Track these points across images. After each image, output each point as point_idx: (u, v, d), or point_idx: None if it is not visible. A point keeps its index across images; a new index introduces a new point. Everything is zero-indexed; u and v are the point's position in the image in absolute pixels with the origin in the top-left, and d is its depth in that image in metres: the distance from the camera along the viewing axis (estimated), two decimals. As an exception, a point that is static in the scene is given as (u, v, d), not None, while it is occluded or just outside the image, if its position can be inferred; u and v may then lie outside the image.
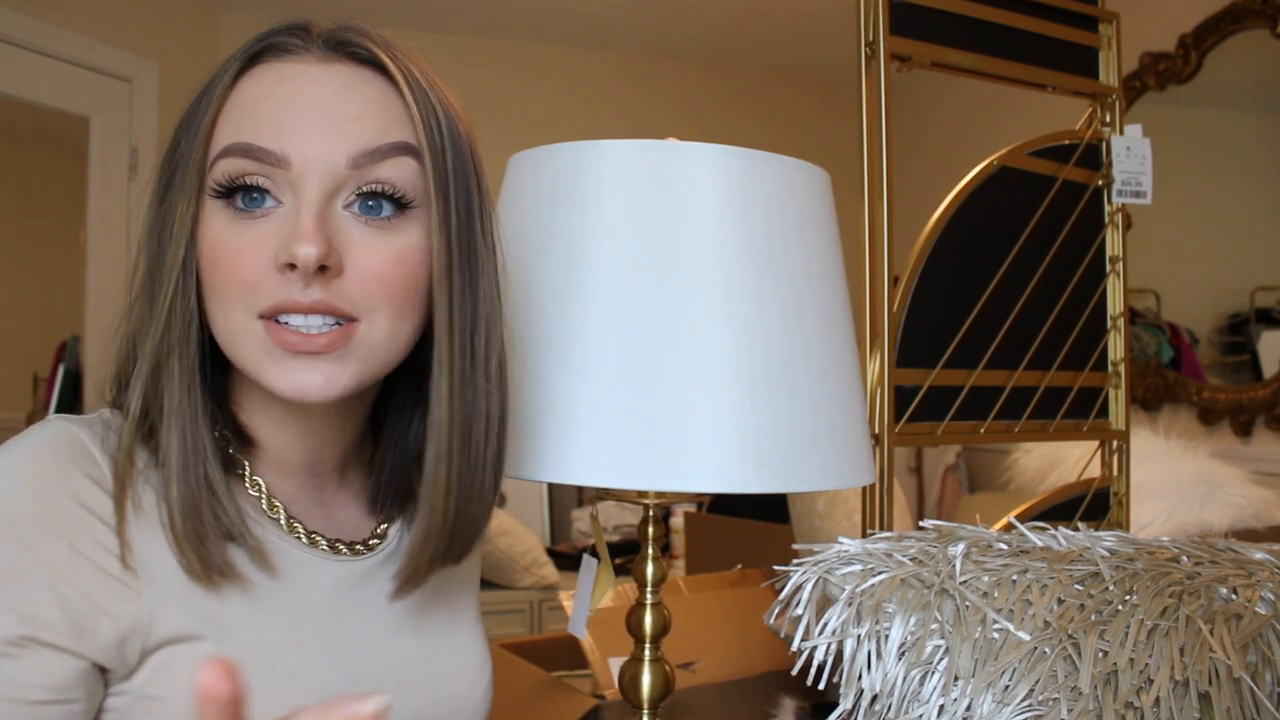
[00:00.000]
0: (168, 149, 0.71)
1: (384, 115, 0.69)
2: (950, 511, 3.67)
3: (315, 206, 0.66)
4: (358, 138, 0.68)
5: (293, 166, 0.67)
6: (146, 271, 0.70)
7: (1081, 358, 1.43)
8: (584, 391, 0.83)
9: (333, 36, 0.70)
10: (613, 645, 1.41)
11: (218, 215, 0.68)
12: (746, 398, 0.83)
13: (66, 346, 3.13)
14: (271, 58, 0.70)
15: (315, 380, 0.67)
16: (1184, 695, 0.81)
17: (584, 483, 0.83)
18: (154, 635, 0.64)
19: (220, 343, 0.70)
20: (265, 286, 0.66)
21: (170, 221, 0.68)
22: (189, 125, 0.69)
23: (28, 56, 2.96)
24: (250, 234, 0.67)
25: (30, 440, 0.66)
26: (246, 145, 0.67)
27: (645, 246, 0.85)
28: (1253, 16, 2.94)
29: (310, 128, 0.67)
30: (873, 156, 1.24)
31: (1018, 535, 0.99)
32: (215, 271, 0.68)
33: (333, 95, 0.68)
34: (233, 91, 0.69)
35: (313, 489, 0.78)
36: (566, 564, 3.62)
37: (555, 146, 0.90)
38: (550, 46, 4.29)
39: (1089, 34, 1.48)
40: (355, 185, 0.68)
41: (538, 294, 0.87)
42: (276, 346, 0.67)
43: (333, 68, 0.69)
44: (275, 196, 0.68)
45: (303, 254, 0.64)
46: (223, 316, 0.68)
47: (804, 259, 0.88)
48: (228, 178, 0.67)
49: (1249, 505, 1.96)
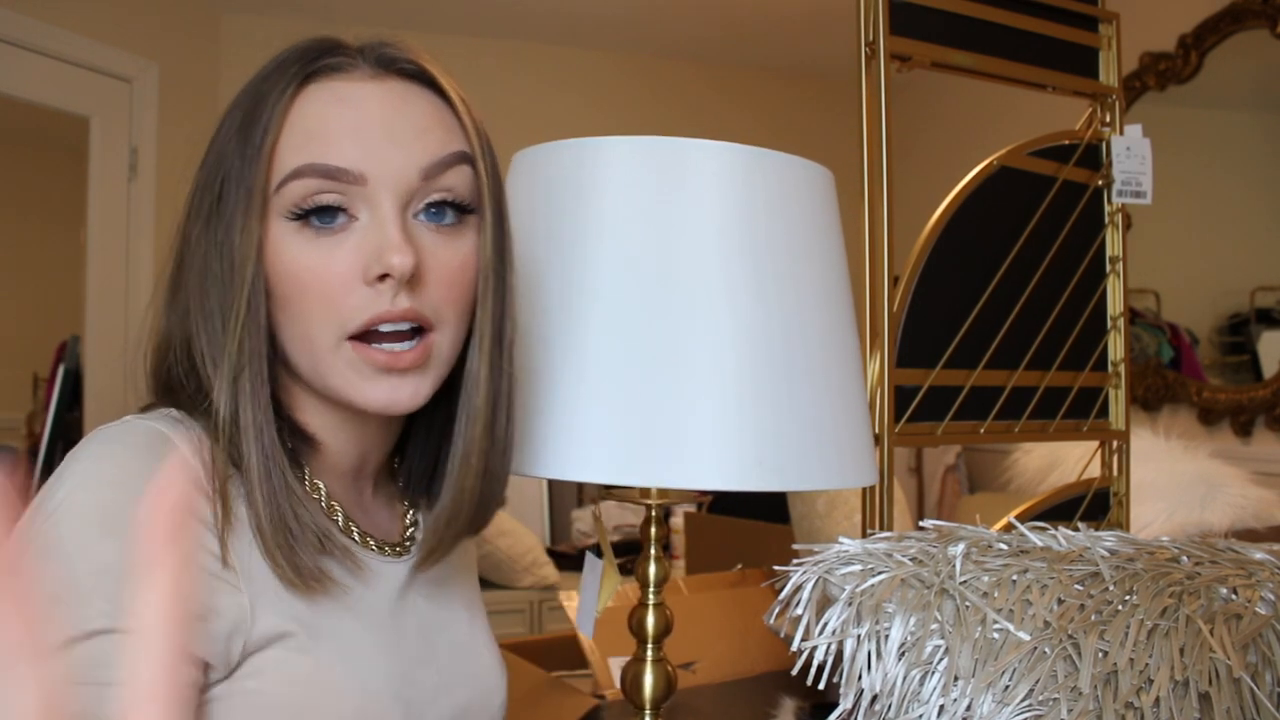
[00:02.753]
0: (212, 167, 0.71)
1: (441, 128, 0.72)
2: (950, 511, 3.67)
3: (397, 218, 0.69)
4: (424, 150, 0.71)
5: (369, 183, 0.69)
6: (200, 286, 0.70)
7: (1081, 358, 1.43)
8: (585, 388, 0.83)
9: (379, 53, 0.73)
10: (613, 645, 1.41)
11: (293, 237, 0.69)
12: (747, 396, 0.83)
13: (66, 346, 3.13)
14: (323, 77, 0.71)
15: (404, 394, 0.71)
16: (1184, 695, 0.81)
17: (585, 479, 0.83)
18: (255, 633, 0.66)
19: (296, 361, 0.71)
20: (353, 302, 0.69)
21: (232, 241, 0.68)
22: (243, 146, 0.69)
23: (28, 57, 2.96)
24: (331, 250, 0.69)
25: (120, 440, 0.66)
26: (323, 166, 0.68)
27: (647, 244, 0.85)
28: (1253, 16, 2.94)
29: (382, 144, 0.69)
30: (873, 156, 1.24)
31: (1018, 535, 0.99)
32: (299, 293, 0.69)
33: (394, 111, 0.71)
34: (290, 112, 0.69)
35: (356, 492, 0.80)
36: (567, 564, 3.61)
37: (557, 144, 0.90)
38: (552, 47, 4.29)
39: (1089, 34, 1.48)
40: (425, 195, 0.71)
41: (540, 291, 0.87)
42: (367, 365, 0.69)
43: (386, 84, 0.72)
44: (350, 213, 0.70)
45: (398, 263, 0.67)
46: (302, 337, 0.70)
47: (806, 258, 0.88)
48: (302, 200, 0.68)
49: (1249, 505, 1.96)
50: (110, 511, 0.62)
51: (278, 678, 0.66)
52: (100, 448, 0.66)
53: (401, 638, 0.76)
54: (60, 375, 3.00)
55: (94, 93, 3.22)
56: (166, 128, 3.39)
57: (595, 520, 1.03)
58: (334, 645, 0.70)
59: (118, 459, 0.65)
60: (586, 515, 4.03)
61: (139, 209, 3.33)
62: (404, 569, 0.79)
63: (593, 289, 0.85)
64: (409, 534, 0.83)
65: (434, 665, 0.78)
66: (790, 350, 0.85)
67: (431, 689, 0.77)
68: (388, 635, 0.75)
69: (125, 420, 0.69)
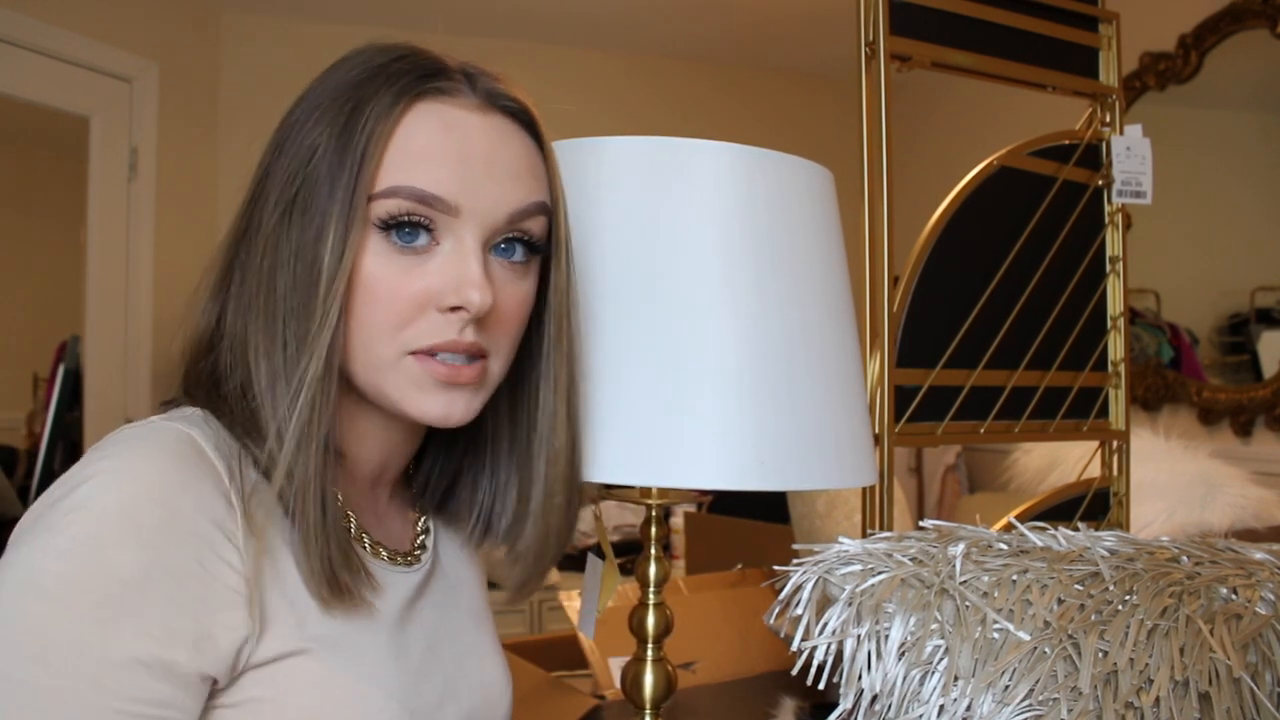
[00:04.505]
0: (298, 160, 0.70)
1: (531, 175, 0.74)
2: (950, 511, 3.67)
3: (479, 253, 0.71)
4: (515, 195, 0.72)
5: (461, 215, 0.70)
6: (267, 283, 0.69)
7: (1081, 358, 1.43)
8: (586, 388, 0.83)
9: (488, 87, 0.74)
10: (613, 645, 1.41)
11: (375, 245, 0.69)
12: (748, 395, 0.83)
13: (66, 346, 3.13)
14: (431, 98, 0.71)
15: (459, 408, 0.72)
16: (1184, 695, 0.81)
17: (586, 479, 0.83)
18: (264, 647, 0.65)
19: (355, 370, 0.71)
20: (421, 324, 0.70)
21: (321, 245, 0.67)
22: (341, 151, 0.68)
23: (28, 56, 2.96)
24: (410, 268, 0.69)
25: (148, 444, 0.64)
26: (420, 191, 0.69)
27: (647, 243, 0.85)
28: (1253, 16, 2.93)
29: (481, 181, 0.71)
30: (873, 156, 1.24)
31: (1018, 535, 0.99)
32: (372, 305, 0.69)
33: (496, 149, 0.72)
34: (399, 128, 0.69)
35: (372, 499, 0.80)
36: (567, 564, 3.60)
37: (558, 143, 0.89)
38: (553, 47, 4.29)
39: (1089, 34, 1.48)
40: (504, 234, 0.73)
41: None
42: (428, 377, 0.70)
43: (490, 119, 0.73)
44: (434, 237, 0.70)
45: (477, 300, 0.69)
46: (367, 348, 0.70)
47: (807, 258, 0.88)
48: (393, 215, 0.69)
49: (1249, 505, 1.96)
50: (138, 519, 0.61)
51: (287, 688, 0.66)
52: (128, 451, 0.64)
53: (408, 648, 0.76)
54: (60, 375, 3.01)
55: (94, 92, 3.22)
56: (166, 128, 3.39)
57: (595, 520, 1.03)
58: (343, 656, 0.69)
59: (149, 464, 0.63)
60: (587, 515, 4.00)
61: (139, 209, 3.33)
62: (414, 579, 0.79)
63: (593, 289, 0.85)
64: (419, 543, 0.83)
65: (440, 676, 0.78)
66: (790, 350, 0.85)
67: (437, 699, 0.77)
68: (396, 646, 0.74)
69: (151, 421, 0.68)
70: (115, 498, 0.61)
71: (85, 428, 3.09)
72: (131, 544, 0.60)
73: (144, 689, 0.60)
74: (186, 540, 0.62)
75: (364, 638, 0.71)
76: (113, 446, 0.64)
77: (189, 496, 0.63)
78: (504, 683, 0.87)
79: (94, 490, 0.61)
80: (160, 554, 0.61)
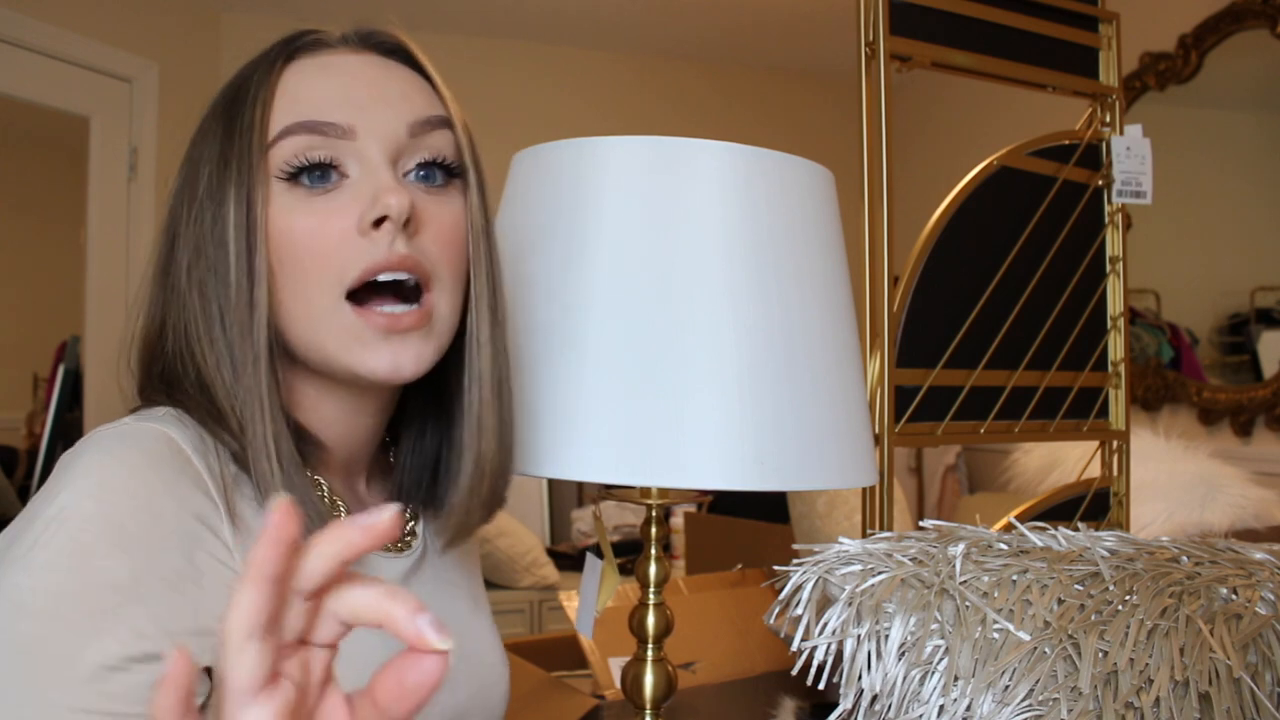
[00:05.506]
0: (197, 150, 0.72)
1: (421, 95, 0.74)
2: (950, 511, 3.67)
3: (389, 167, 0.70)
4: (410, 109, 0.72)
5: (358, 136, 0.69)
6: (194, 268, 0.69)
7: (1081, 358, 1.43)
8: (586, 388, 0.83)
9: (360, 32, 0.75)
10: (613, 645, 1.41)
11: (285, 197, 0.69)
12: (748, 395, 0.83)
13: (66, 346, 3.13)
14: (307, 53, 0.72)
15: (407, 358, 0.70)
16: (1184, 695, 0.81)
17: (585, 479, 0.83)
18: None
19: (295, 334, 0.70)
20: (349, 253, 0.68)
21: (225, 214, 0.67)
22: (230, 123, 0.70)
23: (28, 57, 2.96)
24: (325, 208, 0.69)
25: (125, 446, 0.64)
26: (311, 122, 0.69)
27: (648, 243, 0.85)
28: (1253, 17, 2.94)
29: (369, 101, 0.70)
30: (873, 156, 1.24)
31: (1018, 535, 0.99)
32: (294, 252, 0.68)
33: (379, 78, 0.72)
34: (279, 84, 0.70)
35: (351, 486, 0.79)
36: (567, 564, 3.61)
37: (558, 143, 0.90)
38: (553, 47, 4.29)
39: (1089, 34, 1.48)
40: (413, 155, 0.72)
41: (541, 290, 0.87)
42: (367, 328, 0.68)
43: (367, 57, 0.73)
44: (341, 171, 0.70)
45: (394, 203, 0.67)
46: (303, 304, 0.69)
47: (807, 258, 0.88)
48: (293, 156, 0.68)
49: (1249, 505, 1.96)
50: (122, 524, 0.60)
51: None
52: (105, 456, 0.63)
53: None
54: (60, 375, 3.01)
55: (94, 93, 3.22)
56: (166, 128, 3.39)
57: (595, 520, 1.03)
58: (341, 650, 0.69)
59: (127, 467, 0.62)
60: (587, 515, 4.03)
61: (139, 209, 3.33)
62: (404, 565, 0.79)
63: (593, 289, 0.84)
64: (409, 529, 0.82)
65: None
66: (790, 350, 0.85)
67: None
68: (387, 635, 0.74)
69: (124, 423, 0.67)
70: (96, 505, 0.60)
71: (85, 428, 3.09)
72: (119, 549, 0.59)
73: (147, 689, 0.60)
74: (173, 540, 0.61)
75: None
76: (89, 452, 0.63)
77: (171, 496, 0.62)
78: (500, 665, 0.86)
79: (74, 499, 0.60)
80: (149, 556, 0.60)
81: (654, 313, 0.83)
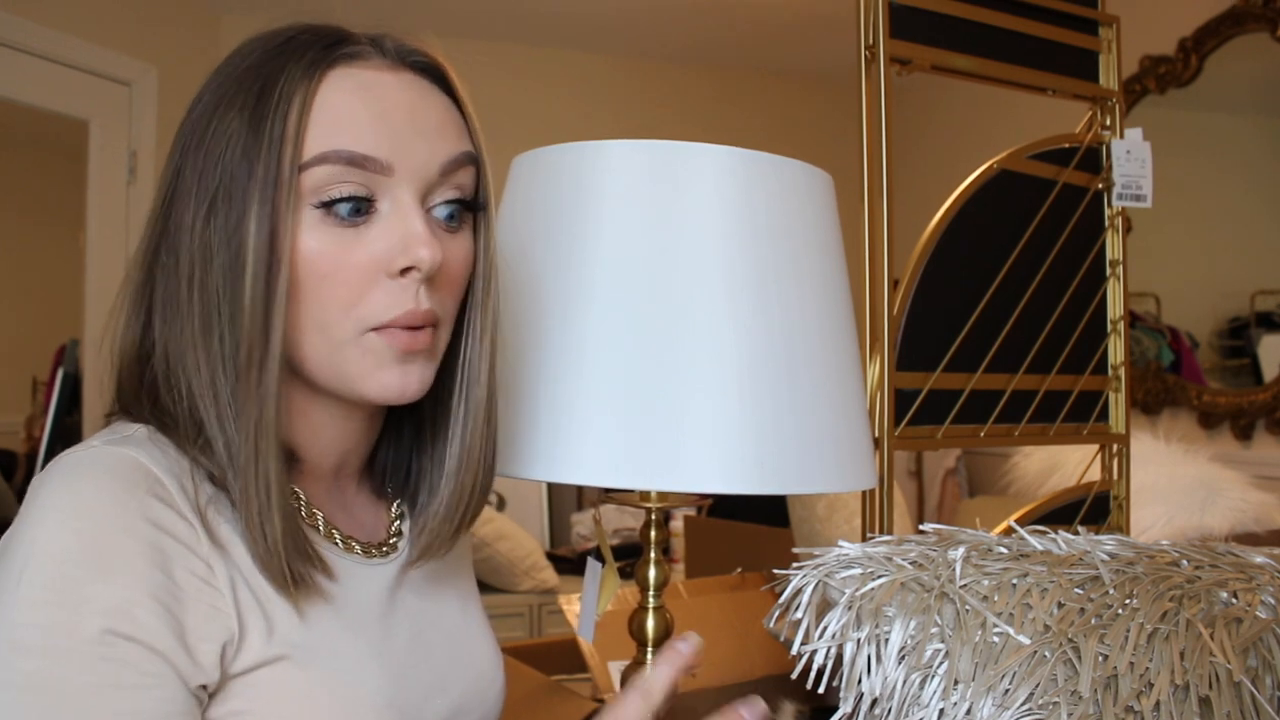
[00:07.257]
0: (218, 143, 0.67)
1: (453, 126, 0.73)
2: (950, 515, 3.67)
3: (420, 211, 0.69)
4: (443, 146, 0.71)
5: (395, 173, 0.68)
6: (197, 283, 0.66)
7: (1082, 361, 1.43)
8: (586, 391, 0.83)
9: (396, 45, 0.72)
10: (612, 649, 1.41)
11: (316, 226, 0.67)
12: (748, 399, 0.82)
13: (65, 350, 3.13)
14: (342, 64, 0.69)
15: (413, 379, 0.71)
16: (1184, 699, 0.80)
17: (585, 482, 0.83)
18: (241, 660, 0.64)
19: (307, 357, 0.69)
20: (375, 295, 0.68)
21: (242, 229, 0.65)
22: (257, 131, 0.66)
23: (27, 60, 2.96)
24: (353, 240, 0.68)
25: (96, 472, 0.63)
26: (351, 154, 0.67)
27: (648, 247, 0.84)
28: (1253, 20, 2.94)
29: (409, 138, 0.69)
30: (873, 160, 1.24)
31: (1018, 539, 0.99)
32: (321, 282, 0.67)
33: (416, 105, 0.71)
34: (316, 97, 0.67)
35: (337, 492, 0.79)
36: (566, 568, 3.61)
37: (558, 147, 0.90)
38: (553, 50, 4.30)
39: (1089, 37, 1.48)
40: (440, 192, 0.71)
41: (540, 294, 0.87)
42: (389, 349, 0.69)
43: (404, 77, 0.71)
44: (372, 203, 0.69)
45: (426, 257, 0.67)
46: (319, 329, 0.68)
47: (806, 261, 0.88)
48: (329, 184, 0.67)
49: (1249, 509, 1.96)
50: (102, 551, 0.60)
51: (269, 697, 0.65)
52: (77, 483, 0.62)
53: (392, 640, 0.75)
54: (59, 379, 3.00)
55: (93, 96, 3.22)
56: (166, 131, 3.38)
57: (595, 524, 1.03)
58: (325, 659, 0.68)
59: (101, 494, 0.61)
60: (586, 519, 4.03)
61: (138, 212, 3.32)
62: (392, 569, 0.78)
63: (592, 293, 0.84)
64: (395, 529, 0.81)
65: (427, 664, 0.77)
66: (790, 353, 0.85)
67: (424, 688, 0.76)
68: (378, 640, 0.73)
69: (91, 445, 0.65)
70: (74, 536, 0.59)
71: (84, 431, 3.09)
72: (103, 577, 0.59)
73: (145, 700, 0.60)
74: (155, 561, 0.61)
75: (343, 639, 0.70)
76: (59, 480, 0.62)
77: (142, 518, 0.61)
78: (493, 661, 0.85)
79: (51, 531, 0.60)
80: (136, 579, 0.60)
81: (654, 316, 0.83)
